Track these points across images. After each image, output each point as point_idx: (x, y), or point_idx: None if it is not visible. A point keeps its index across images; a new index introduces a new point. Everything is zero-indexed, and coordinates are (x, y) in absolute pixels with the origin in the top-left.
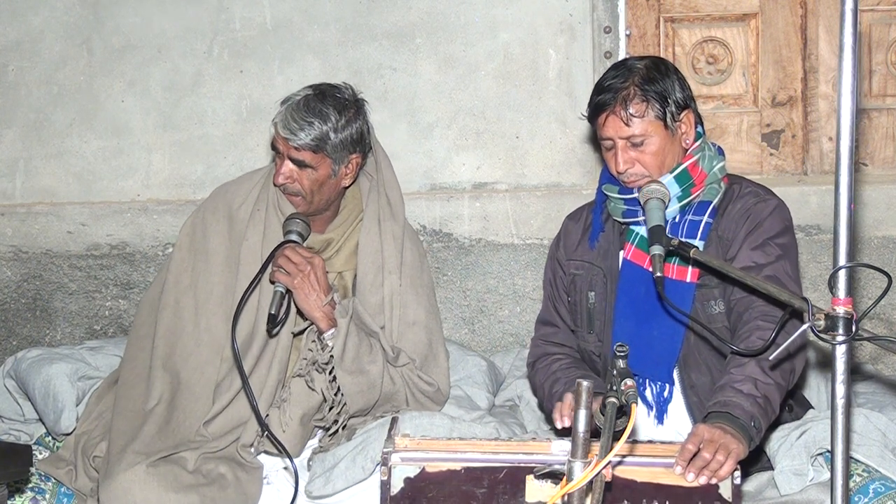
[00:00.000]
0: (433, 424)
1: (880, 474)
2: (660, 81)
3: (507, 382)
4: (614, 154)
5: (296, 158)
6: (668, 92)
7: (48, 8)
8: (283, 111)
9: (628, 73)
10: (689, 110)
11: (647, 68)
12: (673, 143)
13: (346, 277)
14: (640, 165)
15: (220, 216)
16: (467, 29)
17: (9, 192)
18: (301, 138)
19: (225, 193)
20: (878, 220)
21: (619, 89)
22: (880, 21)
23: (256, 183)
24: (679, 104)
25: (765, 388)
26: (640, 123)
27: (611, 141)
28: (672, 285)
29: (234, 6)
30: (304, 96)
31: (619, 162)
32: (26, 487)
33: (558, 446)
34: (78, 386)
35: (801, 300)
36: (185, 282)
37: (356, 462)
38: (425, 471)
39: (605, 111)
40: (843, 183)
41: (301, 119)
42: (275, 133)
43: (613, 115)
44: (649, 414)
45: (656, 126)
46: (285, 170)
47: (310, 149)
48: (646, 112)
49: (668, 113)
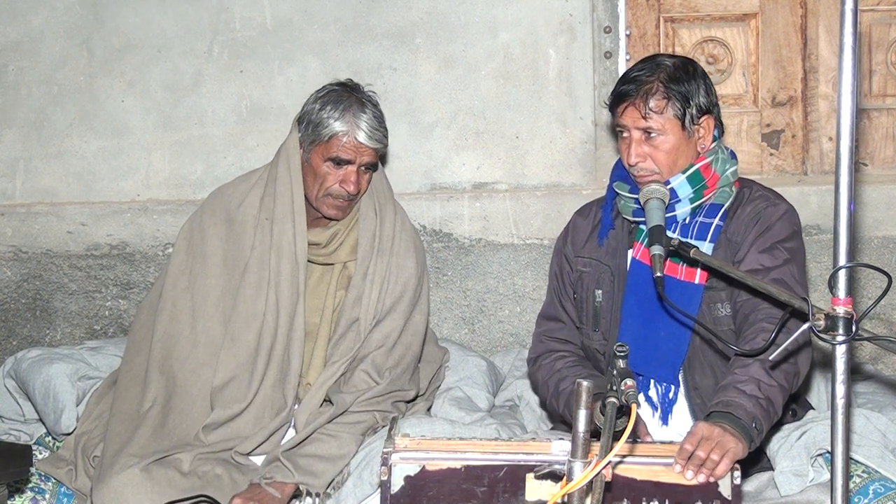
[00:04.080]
0: (433, 429)
1: (880, 475)
2: (685, 82)
3: (507, 383)
4: (628, 144)
5: (370, 163)
6: (692, 94)
7: (48, 8)
8: (359, 122)
9: (656, 69)
10: (709, 116)
11: (675, 67)
12: (688, 145)
13: (349, 268)
14: (651, 161)
15: (217, 219)
16: (467, 29)
17: (9, 192)
18: (385, 144)
19: (221, 196)
20: (878, 220)
21: (643, 82)
22: (880, 21)
23: (254, 184)
24: (701, 108)
25: (768, 390)
26: (657, 119)
27: (626, 130)
28: (680, 286)
29: (234, 6)
30: (367, 101)
31: (631, 154)
32: (26, 487)
33: (558, 446)
34: (78, 386)
35: (801, 300)
36: (183, 284)
37: (363, 478)
38: (426, 469)
39: (626, 101)
40: (843, 183)
41: (381, 127)
42: (350, 143)
43: (633, 107)
44: (654, 415)
45: (674, 125)
46: (358, 179)
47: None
48: (665, 109)
49: (688, 114)
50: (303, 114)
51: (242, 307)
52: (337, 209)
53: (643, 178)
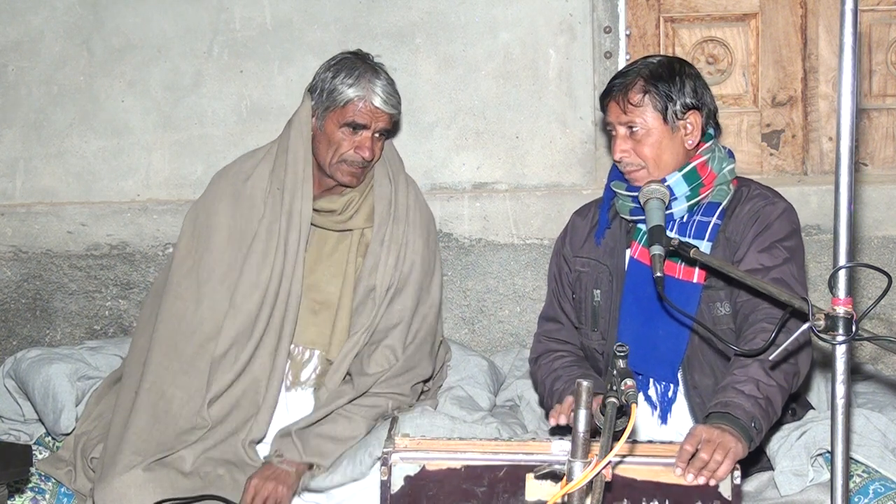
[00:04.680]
0: (434, 426)
1: (880, 475)
2: (667, 78)
3: (508, 382)
4: (614, 141)
5: (384, 129)
6: (674, 89)
7: (48, 8)
8: (374, 87)
9: (641, 67)
10: (695, 112)
11: (659, 64)
12: (672, 139)
13: (367, 235)
14: (635, 155)
15: (223, 194)
16: (467, 29)
17: (9, 192)
18: (398, 111)
19: (227, 175)
20: (878, 220)
21: (625, 79)
22: (880, 21)
23: (262, 159)
24: (686, 105)
25: (767, 390)
26: (636, 112)
27: (612, 127)
28: (678, 286)
29: (234, 6)
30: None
31: (616, 149)
32: (26, 487)
33: (558, 446)
34: (78, 386)
35: (801, 300)
36: (188, 265)
37: (356, 457)
38: (425, 469)
39: (609, 98)
40: (843, 183)
41: (395, 93)
42: (366, 108)
43: (614, 102)
44: (653, 414)
45: (655, 118)
46: (372, 144)
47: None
48: (642, 102)
49: (670, 109)
50: (315, 83)
51: (247, 276)
52: (351, 175)
53: (631, 172)
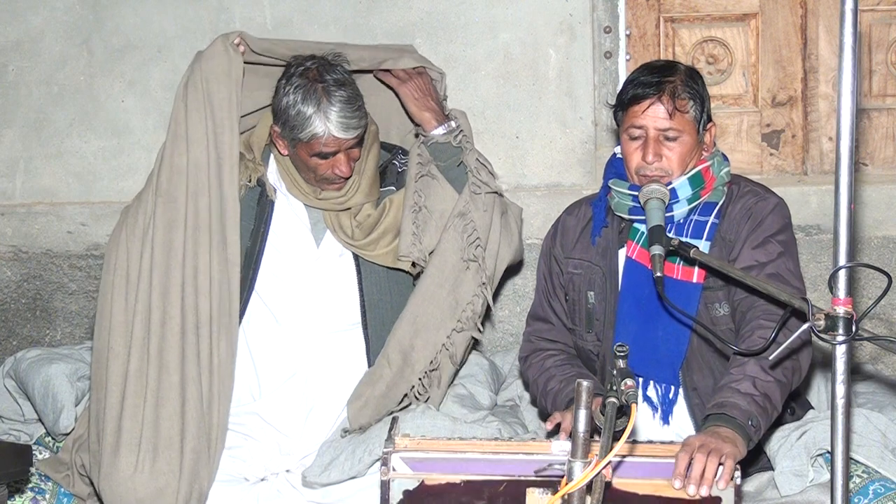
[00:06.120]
0: (435, 426)
1: (880, 475)
2: (700, 86)
3: (508, 382)
4: (642, 145)
5: (354, 145)
6: (704, 98)
7: (48, 8)
8: (329, 119)
9: (672, 69)
10: (713, 125)
11: (688, 69)
12: (697, 149)
13: (365, 209)
14: (666, 161)
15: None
16: (467, 29)
17: (9, 192)
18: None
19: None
20: (878, 220)
21: (664, 81)
22: (880, 21)
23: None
24: (708, 115)
25: (764, 386)
26: (680, 119)
27: (642, 130)
28: (678, 286)
29: (234, 6)
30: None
31: (647, 153)
32: (26, 487)
33: (558, 446)
34: (77, 386)
35: (801, 300)
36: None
37: (355, 454)
38: (424, 484)
39: (650, 98)
40: (843, 183)
41: (353, 113)
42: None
43: (658, 104)
44: (654, 415)
45: (692, 127)
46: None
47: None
48: (688, 109)
49: (702, 119)
50: (277, 105)
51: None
52: (338, 186)
53: (651, 178)
